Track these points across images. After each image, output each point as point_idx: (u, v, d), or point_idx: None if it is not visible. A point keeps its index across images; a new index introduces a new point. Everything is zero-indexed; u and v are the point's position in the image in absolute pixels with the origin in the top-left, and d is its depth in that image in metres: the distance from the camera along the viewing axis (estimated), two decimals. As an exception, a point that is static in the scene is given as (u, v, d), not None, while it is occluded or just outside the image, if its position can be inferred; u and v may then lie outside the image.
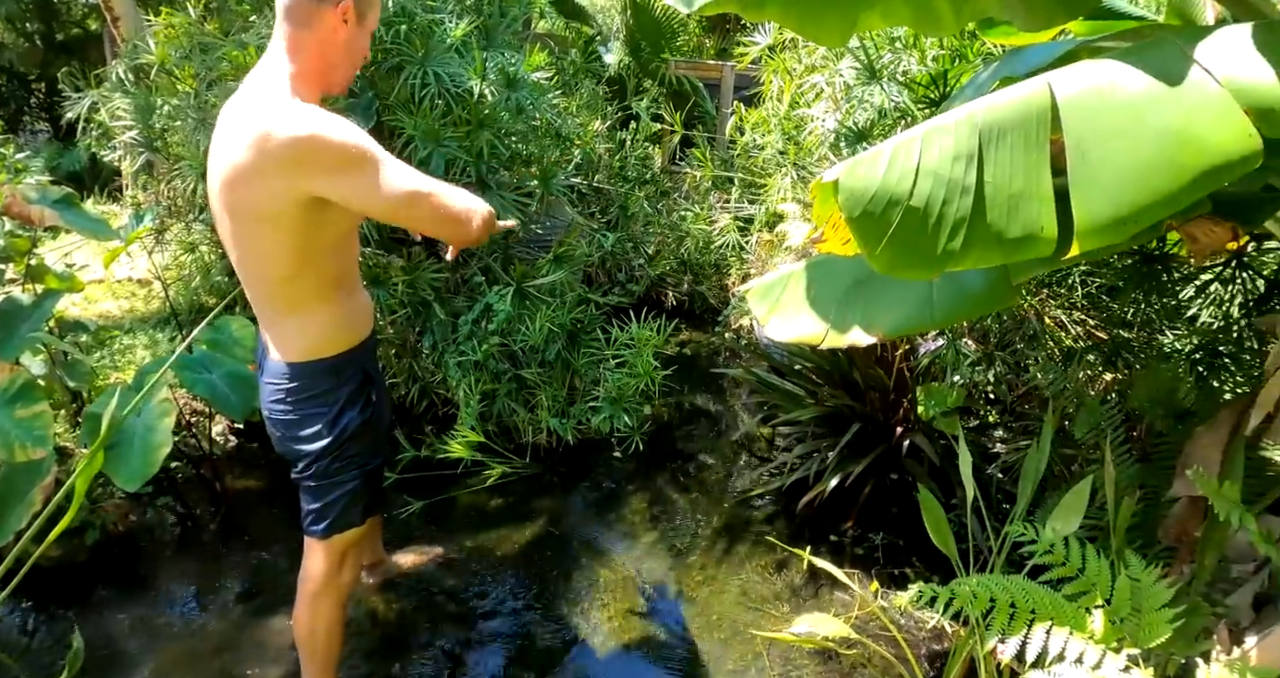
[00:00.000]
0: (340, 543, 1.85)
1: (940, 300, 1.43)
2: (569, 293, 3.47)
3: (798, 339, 1.60)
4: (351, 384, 1.72)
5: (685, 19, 6.60)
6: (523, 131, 3.58)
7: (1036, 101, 1.10)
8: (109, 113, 3.36)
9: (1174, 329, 2.67)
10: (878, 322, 1.51)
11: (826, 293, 1.62)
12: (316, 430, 1.70)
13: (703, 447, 3.62)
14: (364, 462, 1.80)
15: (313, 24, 1.47)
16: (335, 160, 1.40)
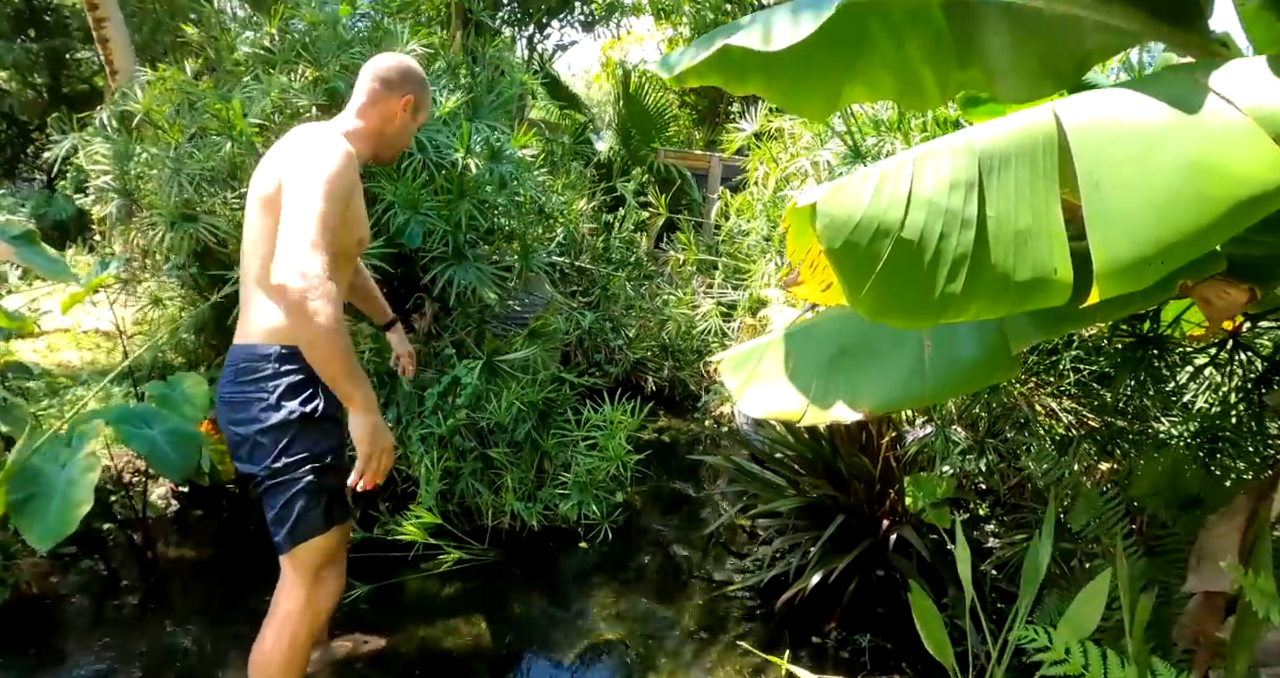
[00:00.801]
0: (310, 557, 1.78)
1: (933, 371, 1.29)
2: (542, 371, 3.33)
3: (774, 414, 1.44)
4: (296, 376, 1.74)
5: (676, 111, 6.78)
6: (505, 205, 3.54)
7: (1042, 129, 1.00)
8: (87, 157, 3.28)
9: (1169, 416, 2.58)
10: (864, 395, 1.36)
11: (807, 363, 1.47)
12: (254, 414, 1.73)
13: (676, 538, 3.40)
14: (314, 458, 1.75)
15: (379, 104, 1.92)
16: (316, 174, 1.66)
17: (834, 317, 1.52)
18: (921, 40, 1.66)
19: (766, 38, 1.44)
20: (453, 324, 3.48)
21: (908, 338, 1.36)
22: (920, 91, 1.91)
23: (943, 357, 1.28)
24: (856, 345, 1.42)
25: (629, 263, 4.85)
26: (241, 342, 1.81)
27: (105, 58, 4.82)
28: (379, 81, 1.92)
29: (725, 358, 1.67)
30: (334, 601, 1.93)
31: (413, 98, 1.95)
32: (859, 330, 1.43)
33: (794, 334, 1.56)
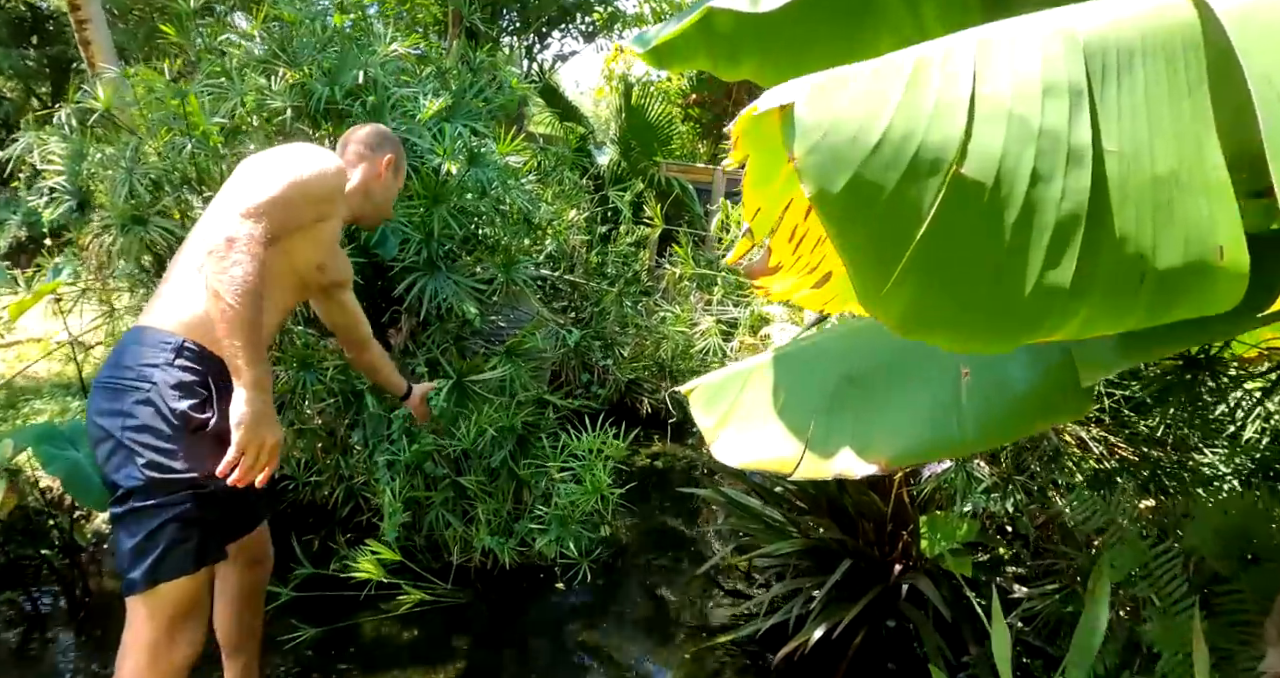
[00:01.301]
0: (169, 600, 1.46)
1: (973, 408, 0.97)
2: (522, 393, 3.06)
3: (758, 465, 1.14)
4: (184, 375, 1.50)
5: (679, 124, 6.56)
6: (487, 213, 3.29)
7: (1176, 16, 0.64)
8: (42, 157, 3.06)
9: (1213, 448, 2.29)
10: (879, 441, 1.03)
11: (802, 396, 1.15)
12: (125, 406, 1.46)
13: (664, 579, 3.10)
14: (198, 482, 1.47)
15: (364, 164, 1.95)
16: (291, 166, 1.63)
17: (839, 333, 1.22)
18: (942, 5, 1.40)
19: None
20: (429, 340, 3.22)
21: (939, 362, 1.05)
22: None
23: (986, 388, 0.96)
24: (869, 372, 1.10)
25: (625, 277, 4.58)
26: (145, 323, 1.58)
27: (88, 60, 4.65)
28: (360, 145, 1.98)
29: (697, 387, 1.36)
30: (192, 657, 1.55)
31: (393, 156, 2.00)
32: (872, 350, 1.12)
33: (785, 357, 1.24)
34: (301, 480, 3.07)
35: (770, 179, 0.73)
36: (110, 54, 4.56)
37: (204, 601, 1.56)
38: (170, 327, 1.54)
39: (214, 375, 1.55)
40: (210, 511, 1.50)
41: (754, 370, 1.27)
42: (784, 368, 1.21)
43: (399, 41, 3.32)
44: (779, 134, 0.64)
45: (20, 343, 4.84)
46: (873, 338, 1.16)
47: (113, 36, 8.45)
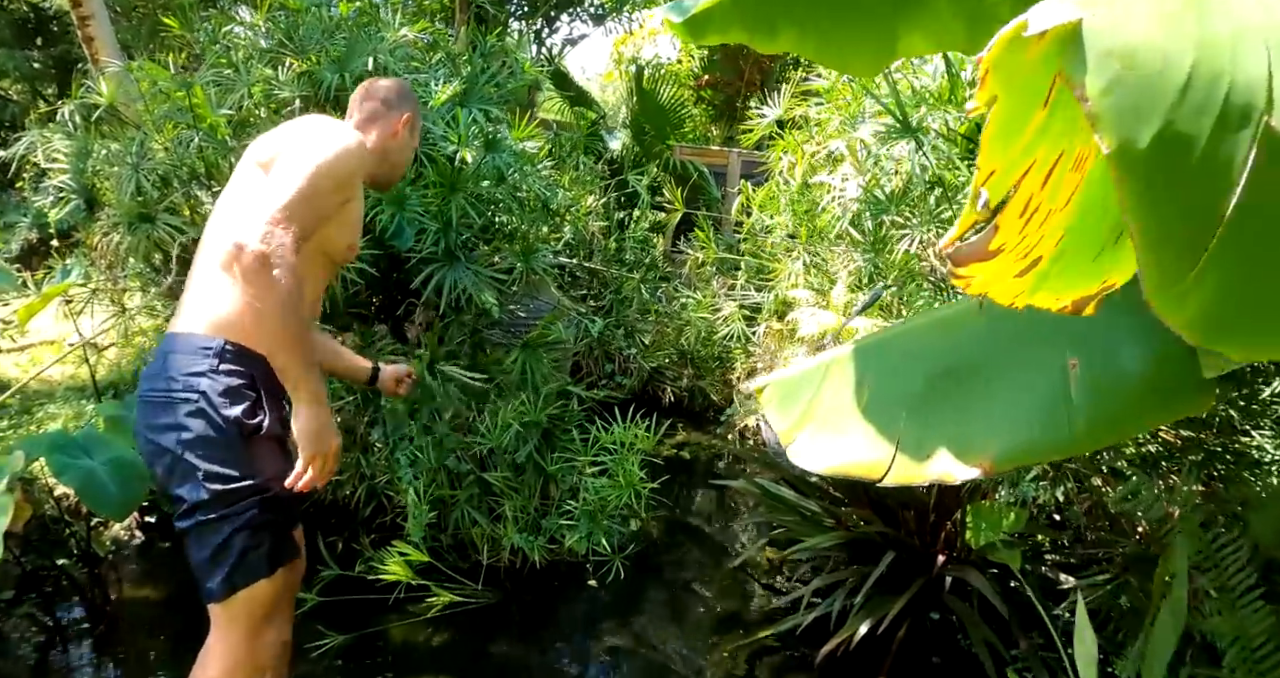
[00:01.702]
0: (249, 605, 1.47)
1: (1085, 402, 0.87)
2: (545, 385, 2.97)
3: (843, 470, 1.04)
4: (232, 380, 1.45)
5: (691, 107, 6.43)
6: (504, 200, 3.19)
7: None
8: (45, 155, 2.98)
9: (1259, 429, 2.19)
10: (979, 442, 0.93)
11: (889, 394, 1.05)
12: (178, 419, 1.41)
13: (699, 574, 3.01)
14: (262, 486, 1.46)
15: (380, 122, 1.82)
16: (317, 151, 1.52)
17: (923, 323, 1.11)
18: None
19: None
20: (448, 332, 3.13)
21: (1041, 352, 0.95)
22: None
23: (1098, 381, 0.86)
24: (962, 366, 0.99)
25: (644, 264, 4.47)
26: (177, 330, 1.51)
27: (91, 56, 4.58)
28: (378, 101, 1.84)
29: (770, 384, 1.25)
30: (280, 658, 1.57)
31: (411, 114, 1.86)
32: (964, 341, 1.02)
33: (866, 350, 1.13)
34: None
35: (1018, 131, 0.60)
36: (114, 50, 4.49)
37: (285, 599, 1.56)
38: (205, 330, 1.48)
39: (259, 374, 1.50)
40: (277, 513, 1.49)
41: (832, 365, 1.16)
42: (866, 362, 1.10)
43: (407, 27, 3.22)
44: (1042, 68, 0.52)
45: (33, 346, 4.80)
46: (962, 327, 1.05)
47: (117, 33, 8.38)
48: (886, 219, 2.57)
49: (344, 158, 1.56)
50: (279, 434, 1.51)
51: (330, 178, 1.52)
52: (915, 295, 2.52)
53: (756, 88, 6.95)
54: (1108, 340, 0.87)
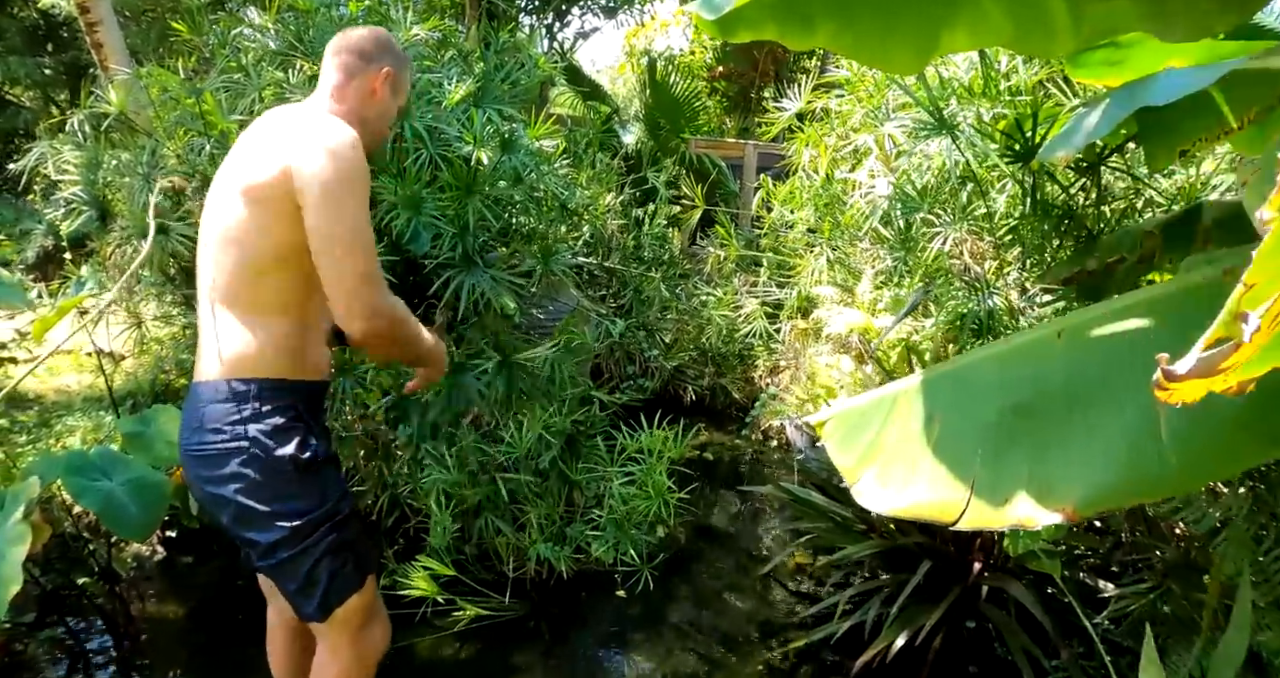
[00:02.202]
0: (347, 618, 1.52)
1: (1177, 438, 0.79)
2: (568, 389, 2.91)
3: (911, 512, 0.96)
4: (281, 417, 1.44)
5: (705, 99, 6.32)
6: (522, 201, 3.12)
7: None
8: (56, 166, 2.95)
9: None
10: (1061, 482, 0.87)
11: (961, 431, 0.98)
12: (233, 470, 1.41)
13: (728, 582, 2.95)
14: (332, 511, 1.47)
15: (356, 81, 1.61)
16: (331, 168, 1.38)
17: (993, 354, 1.03)
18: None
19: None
20: (468, 335, 3.08)
21: (1125, 384, 0.88)
22: (1046, 31, 1.46)
23: (1191, 413, 0.78)
24: (1040, 400, 0.93)
25: (663, 261, 4.40)
26: (205, 378, 1.47)
27: (100, 62, 4.55)
28: (352, 54, 1.62)
29: (832, 417, 1.18)
30: (384, 648, 1.66)
31: (391, 70, 1.65)
32: (1040, 373, 0.95)
33: (935, 382, 1.06)
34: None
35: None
36: (123, 56, 4.45)
37: (377, 601, 1.64)
38: (235, 374, 1.44)
39: (301, 401, 1.49)
40: (352, 530, 1.52)
41: (898, 398, 1.08)
42: (935, 395, 1.03)
43: (420, 25, 3.15)
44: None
45: (51, 355, 4.78)
46: (1038, 357, 0.97)
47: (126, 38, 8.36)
48: (917, 217, 2.48)
49: (360, 168, 1.44)
50: (330, 454, 1.52)
51: (363, 200, 1.43)
52: (947, 295, 2.44)
53: (771, 78, 6.84)
54: None
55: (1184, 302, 0.91)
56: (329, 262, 1.36)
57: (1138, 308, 0.93)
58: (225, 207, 1.46)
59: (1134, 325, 0.90)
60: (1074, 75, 2.24)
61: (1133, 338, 0.90)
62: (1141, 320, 0.90)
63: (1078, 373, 0.94)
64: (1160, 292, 0.97)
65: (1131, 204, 2.38)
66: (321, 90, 1.62)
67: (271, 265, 1.43)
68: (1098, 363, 0.90)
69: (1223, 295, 0.88)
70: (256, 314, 1.44)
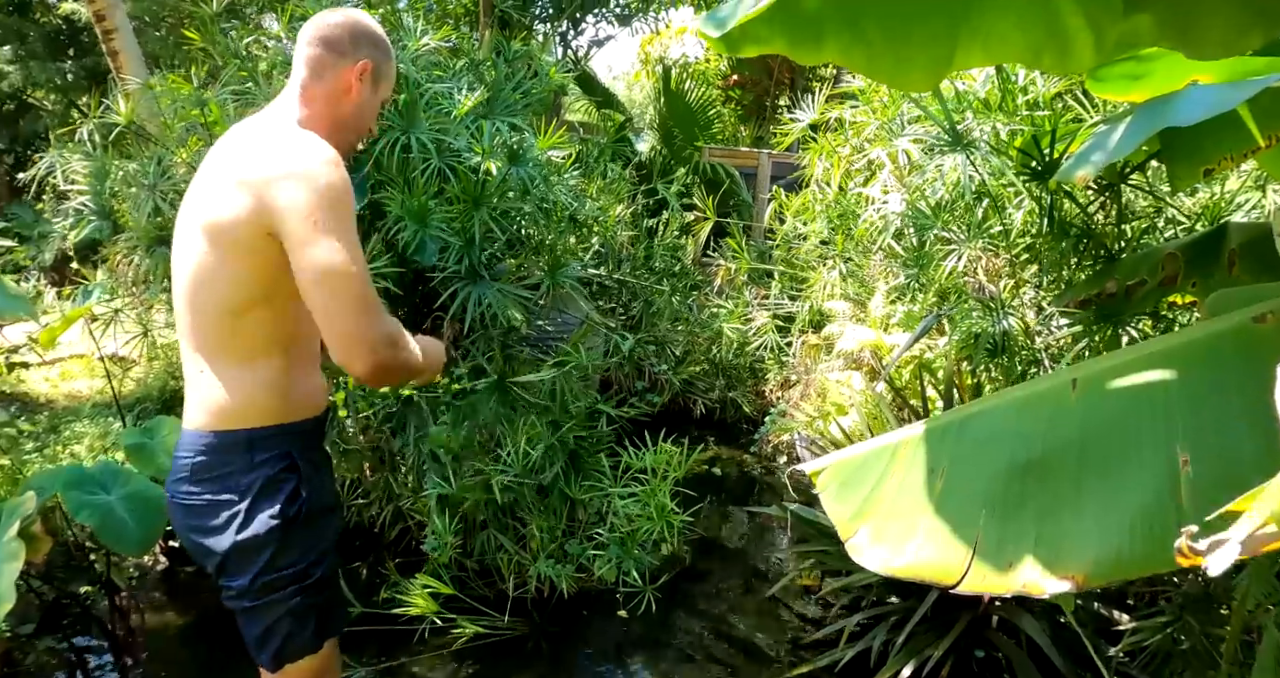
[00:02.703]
0: (299, 674, 1.45)
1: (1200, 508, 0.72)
2: (572, 403, 2.87)
3: (909, 572, 0.90)
4: (269, 469, 1.36)
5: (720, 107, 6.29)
6: (531, 213, 3.09)
7: None
8: (64, 176, 2.95)
9: None
10: (1069, 551, 0.81)
11: (966, 486, 0.92)
12: (221, 524, 1.35)
13: (732, 603, 2.89)
14: (302, 574, 1.40)
15: (327, 77, 1.42)
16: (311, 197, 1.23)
17: (1006, 404, 0.97)
18: (1075, -32, 1.16)
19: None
20: (473, 347, 3.05)
21: (1146, 446, 0.82)
22: (1063, 47, 1.41)
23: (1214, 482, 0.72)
24: (1052, 457, 0.86)
25: (674, 272, 4.35)
26: (195, 427, 1.37)
27: (115, 70, 4.58)
28: (323, 46, 1.42)
29: (828, 467, 1.12)
30: None
31: (370, 62, 1.44)
32: (1054, 428, 0.89)
33: (939, 432, 1.00)
34: (348, 502, 2.94)
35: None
36: (139, 63, 4.47)
37: (333, 661, 1.53)
38: (225, 424, 1.35)
39: (296, 445, 1.40)
40: (319, 596, 1.43)
41: (900, 448, 1.03)
42: (939, 447, 0.97)
43: (430, 34, 3.13)
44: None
45: (63, 359, 4.82)
46: (1051, 410, 0.92)
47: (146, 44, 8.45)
48: (931, 234, 2.43)
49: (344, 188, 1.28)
50: (326, 505, 1.45)
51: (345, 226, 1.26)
52: (961, 314, 2.38)
53: (787, 86, 6.80)
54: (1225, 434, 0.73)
55: (1209, 353, 0.85)
56: (321, 301, 1.22)
57: (1159, 358, 0.87)
58: (192, 245, 1.33)
59: (1155, 378, 0.84)
60: (1094, 90, 2.18)
61: (1153, 392, 0.84)
62: (1163, 372, 0.84)
63: (1093, 428, 0.88)
64: (1184, 339, 0.91)
65: (1153, 222, 2.31)
66: (289, 91, 1.45)
67: (249, 306, 1.31)
68: (1115, 418, 0.84)
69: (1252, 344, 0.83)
70: (239, 359, 1.34)
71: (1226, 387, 0.61)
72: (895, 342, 2.88)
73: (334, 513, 1.50)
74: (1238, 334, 0.84)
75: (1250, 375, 0.58)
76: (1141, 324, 2.30)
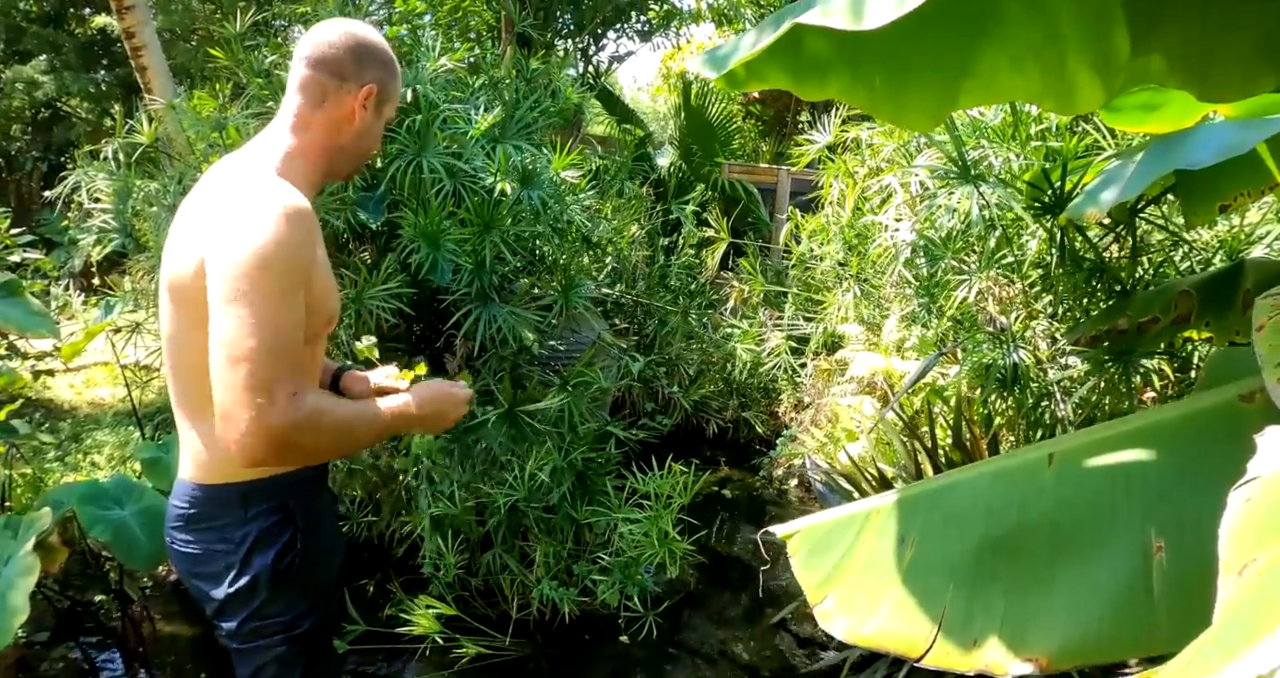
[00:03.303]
0: None
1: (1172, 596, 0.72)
2: (582, 425, 2.87)
3: (873, 642, 0.90)
4: (262, 522, 1.32)
5: (740, 122, 6.29)
6: (545, 234, 3.11)
7: None
8: (89, 194, 3.01)
9: None
10: (1035, 632, 0.80)
11: (935, 559, 0.91)
12: (218, 572, 1.32)
13: (736, 630, 2.88)
14: (290, 624, 1.36)
15: (327, 103, 1.30)
16: (239, 258, 1.11)
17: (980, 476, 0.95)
18: (1079, 15, 1.15)
19: (856, 12, 0.95)
20: (485, 367, 3.07)
21: (1119, 527, 0.80)
22: (1069, 89, 1.39)
23: (1188, 569, 0.70)
24: (1022, 534, 0.85)
25: (689, 291, 4.35)
26: (186, 478, 1.33)
27: (144, 85, 4.67)
28: (321, 69, 1.29)
29: (800, 531, 1.11)
30: None
31: (375, 86, 1.32)
32: (1027, 504, 0.88)
33: (911, 502, 0.99)
34: (355, 520, 2.96)
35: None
36: (166, 78, 4.56)
37: None
38: (213, 479, 1.30)
39: (293, 495, 1.36)
40: (307, 648, 1.40)
41: (871, 516, 1.02)
42: (910, 517, 0.95)
43: (448, 55, 3.16)
44: None
45: (88, 367, 4.91)
46: (1025, 485, 0.90)
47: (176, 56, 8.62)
48: (942, 263, 2.41)
49: (283, 256, 1.14)
50: (288, 570, 1.35)
51: (280, 296, 1.14)
52: (975, 345, 2.36)
53: (807, 103, 6.78)
54: (1202, 522, 0.71)
55: (1193, 433, 0.83)
56: (212, 370, 1.12)
57: (1140, 436, 0.85)
58: (164, 301, 1.26)
59: (1132, 457, 0.83)
60: (1109, 121, 2.16)
61: (1129, 471, 0.82)
62: (1143, 452, 0.83)
63: (1066, 506, 0.86)
64: (1167, 416, 0.89)
65: (1169, 256, 2.28)
66: (281, 117, 1.33)
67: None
68: (1089, 497, 0.83)
69: (1237, 425, 0.81)
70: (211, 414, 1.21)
71: (1208, 470, 0.60)
72: (905, 368, 2.86)
73: (333, 557, 1.46)
74: (1223, 413, 0.82)
75: (1232, 459, 0.57)
76: (1160, 363, 2.27)
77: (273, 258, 1.12)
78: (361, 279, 2.71)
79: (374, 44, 1.34)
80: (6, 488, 2.75)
